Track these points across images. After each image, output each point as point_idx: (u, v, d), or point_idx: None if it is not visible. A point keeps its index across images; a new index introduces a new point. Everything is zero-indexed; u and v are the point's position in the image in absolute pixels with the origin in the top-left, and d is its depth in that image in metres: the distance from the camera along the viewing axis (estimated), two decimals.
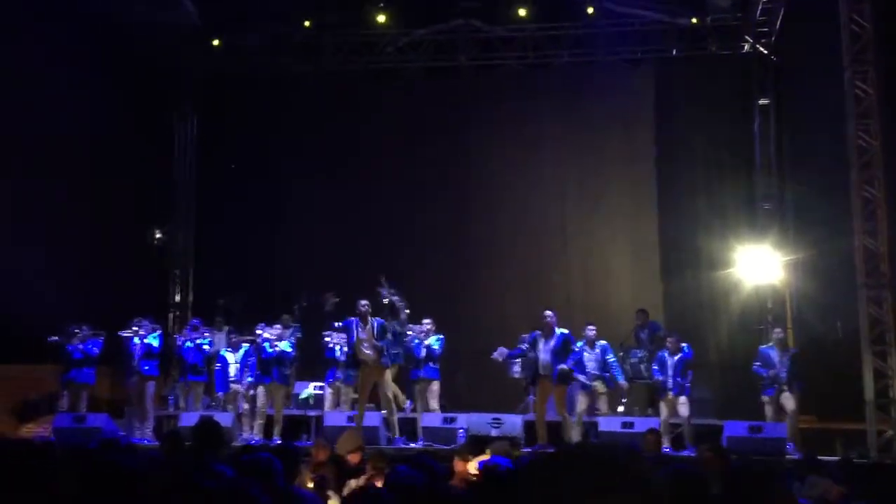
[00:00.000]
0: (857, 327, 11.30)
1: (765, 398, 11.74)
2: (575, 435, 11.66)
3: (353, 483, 6.20)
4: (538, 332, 11.72)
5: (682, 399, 11.84)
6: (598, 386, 12.33)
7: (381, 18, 15.85)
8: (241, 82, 16.44)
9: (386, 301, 12.69)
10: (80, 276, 13.75)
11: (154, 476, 3.67)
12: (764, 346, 12.28)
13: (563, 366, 11.49)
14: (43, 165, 13.43)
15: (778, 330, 12.67)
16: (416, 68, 16.62)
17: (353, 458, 7.06)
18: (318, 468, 6.41)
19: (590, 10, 15.46)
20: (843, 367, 12.17)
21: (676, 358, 11.97)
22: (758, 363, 11.88)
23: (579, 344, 12.29)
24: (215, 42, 16.49)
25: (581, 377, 12.09)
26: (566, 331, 11.74)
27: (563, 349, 11.58)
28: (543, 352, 11.58)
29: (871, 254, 11.27)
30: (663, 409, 11.98)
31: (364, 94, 16.57)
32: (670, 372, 11.92)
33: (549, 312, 11.74)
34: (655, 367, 12.19)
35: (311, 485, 5.96)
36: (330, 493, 5.99)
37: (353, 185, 16.22)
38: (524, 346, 11.90)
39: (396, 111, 16.37)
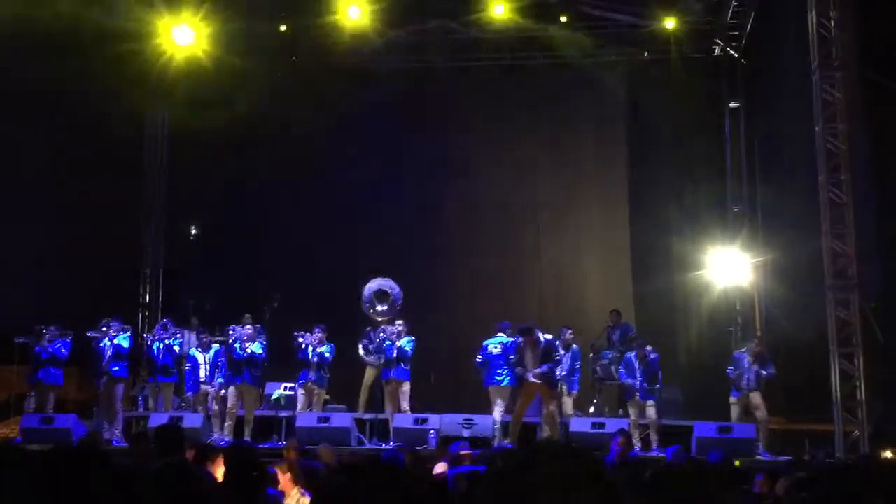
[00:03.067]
0: (824, 329, 11.42)
1: (732, 399, 11.83)
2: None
3: None
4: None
5: (650, 402, 11.93)
6: (563, 388, 12.45)
7: (356, 15, 15.66)
8: (215, 80, 16.28)
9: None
10: (49, 275, 13.62)
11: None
12: (738, 352, 12.30)
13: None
14: (8, 163, 13.26)
15: (756, 341, 12.60)
16: (391, 69, 16.59)
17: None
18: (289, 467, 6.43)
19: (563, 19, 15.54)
20: (811, 369, 12.28)
21: (644, 363, 12.04)
22: (730, 367, 11.96)
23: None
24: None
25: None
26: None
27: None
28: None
29: (838, 256, 11.41)
30: (632, 410, 12.06)
31: (339, 94, 16.48)
32: (638, 376, 11.99)
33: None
34: (622, 370, 12.28)
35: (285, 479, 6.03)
36: (301, 491, 6.03)
37: (327, 185, 16.16)
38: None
39: (371, 112, 16.31)
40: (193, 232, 16.56)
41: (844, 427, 11.07)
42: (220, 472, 4.81)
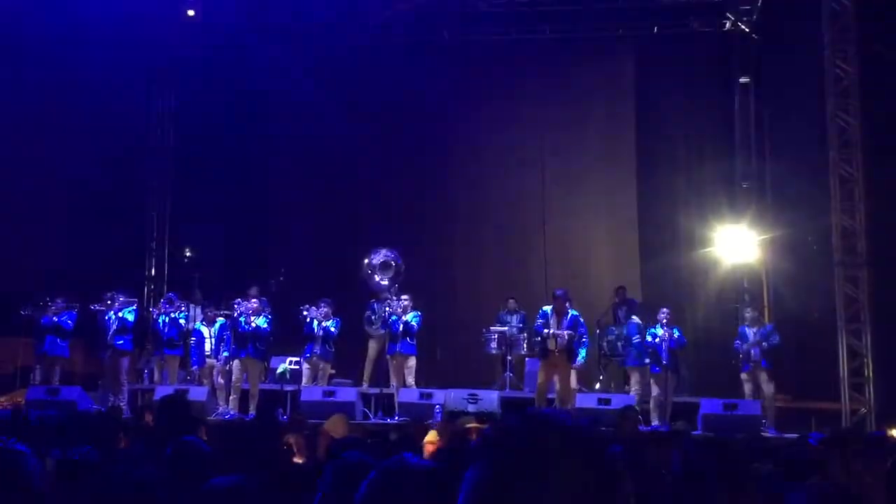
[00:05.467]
0: (832, 306, 11.36)
1: (743, 375, 11.77)
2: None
3: None
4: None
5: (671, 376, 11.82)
6: None
7: None
8: (221, 54, 16.21)
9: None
10: (55, 248, 13.61)
11: None
12: (742, 325, 12.29)
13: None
14: (15, 138, 13.22)
15: (749, 310, 12.68)
16: (399, 42, 16.44)
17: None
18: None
19: None
20: (818, 346, 12.23)
21: (672, 334, 11.86)
22: (738, 341, 11.92)
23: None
24: (194, 13, 16.24)
25: None
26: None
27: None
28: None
29: (847, 232, 11.34)
30: (654, 386, 11.83)
31: (345, 68, 16.37)
32: (665, 352, 11.82)
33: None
34: (650, 340, 12.05)
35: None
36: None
37: (333, 158, 16.10)
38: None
39: (378, 85, 16.20)
40: (199, 205, 16.48)
41: (851, 405, 11.03)
42: None
